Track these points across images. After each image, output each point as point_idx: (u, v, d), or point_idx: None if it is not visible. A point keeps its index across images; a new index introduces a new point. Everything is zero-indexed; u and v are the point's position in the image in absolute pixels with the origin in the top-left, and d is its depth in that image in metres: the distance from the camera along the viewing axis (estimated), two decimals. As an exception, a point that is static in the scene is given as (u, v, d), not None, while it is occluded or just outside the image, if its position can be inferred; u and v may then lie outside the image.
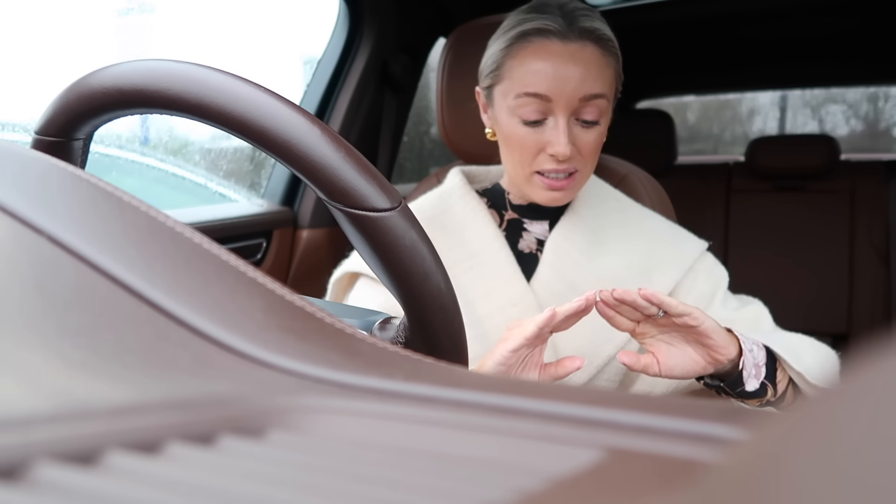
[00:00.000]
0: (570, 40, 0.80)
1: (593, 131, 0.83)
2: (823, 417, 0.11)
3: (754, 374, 0.74)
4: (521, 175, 0.87)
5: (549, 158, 0.83)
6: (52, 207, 0.30)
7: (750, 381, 0.74)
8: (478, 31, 1.08)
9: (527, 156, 0.84)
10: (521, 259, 0.91)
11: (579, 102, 0.81)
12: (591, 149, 0.84)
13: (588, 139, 0.83)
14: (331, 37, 1.55)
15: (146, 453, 0.18)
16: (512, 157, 0.87)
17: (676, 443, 0.19)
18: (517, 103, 0.82)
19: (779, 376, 0.76)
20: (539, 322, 0.67)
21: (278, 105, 0.42)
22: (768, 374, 0.75)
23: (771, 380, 0.75)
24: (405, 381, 0.24)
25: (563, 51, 0.80)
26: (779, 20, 2.00)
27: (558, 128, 0.81)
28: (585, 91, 0.80)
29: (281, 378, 0.24)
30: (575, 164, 0.84)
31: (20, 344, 0.22)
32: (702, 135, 4.38)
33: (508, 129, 0.85)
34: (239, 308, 0.28)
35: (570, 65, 0.80)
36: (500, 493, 0.17)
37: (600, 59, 0.81)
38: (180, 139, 1.70)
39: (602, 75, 0.82)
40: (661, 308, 0.69)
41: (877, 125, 4.13)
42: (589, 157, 0.85)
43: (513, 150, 0.85)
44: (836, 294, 2.19)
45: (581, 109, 0.82)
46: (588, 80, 0.80)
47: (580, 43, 0.80)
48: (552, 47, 0.80)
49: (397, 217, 0.43)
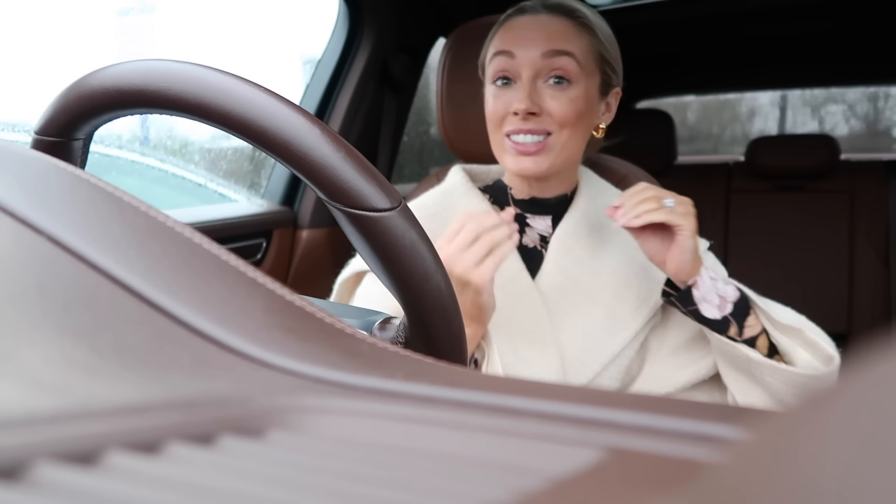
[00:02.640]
0: (539, 13, 0.88)
1: (563, 94, 0.85)
2: (824, 417, 0.11)
3: (716, 303, 0.80)
4: (496, 142, 0.90)
5: (514, 118, 0.85)
6: (52, 207, 0.30)
7: (706, 306, 0.80)
8: (478, 31, 1.08)
9: (496, 118, 0.88)
10: (526, 254, 0.92)
11: (542, 59, 0.84)
12: (563, 112, 0.85)
13: (560, 100, 0.85)
14: (330, 37, 1.55)
15: (146, 453, 0.18)
16: (490, 127, 0.90)
17: (676, 443, 0.19)
18: (489, 68, 0.88)
19: (749, 321, 0.81)
20: None
21: (278, 105, 0.42)
22: (735, 312, 0.80)
23: (737, 319, 0.80)
24: (405, 381, 0.24)
25: (532, 20, 0.88)
26: (779, 20, 2.00)
27: (521, 85, 0.85)
28: (549, 47, 0.85)
29: (281, 378, 0.24)
30: (544, 125, 0.85)
31: (20, 344, 0.22)
32: (702, 135, 4.38)
33: (487, 98, 0.90)
34: (239, 308, 0.28)
35: (536, 27, 0.87)
36: (500, 493, 0.17)
37: (569, 27, 0.86)
38: (180, 139, 1.70)
39: (568, 37, 0.86)
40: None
41: (877, 125, 4.13)
42: (565, 124, 0.85)
43: (489, 119, 0.89)
44: (836, 294, 2.19)
45: (546, 68, 0.85)
46: (552, 39, 0.85)
47: (549, 15, 0.87)
48: (524, 19, 0.88)
49: (397, 217, 0.43)
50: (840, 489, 0.09)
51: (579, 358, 0.87)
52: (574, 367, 0.87)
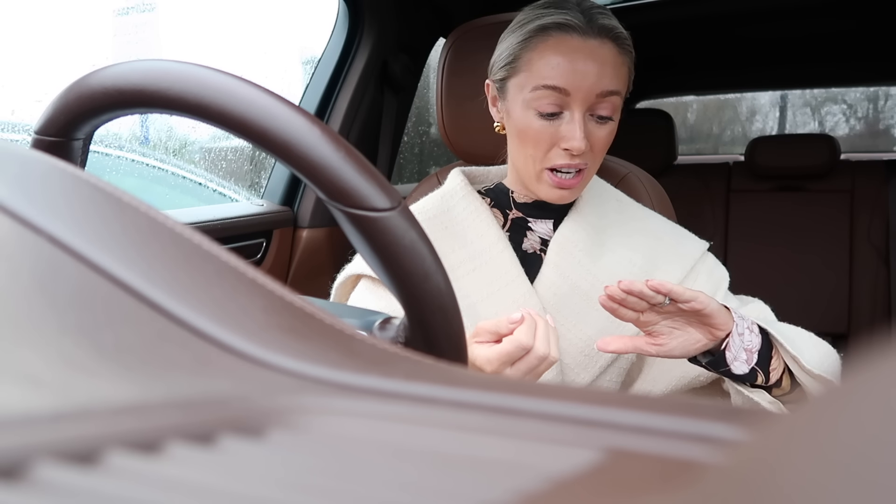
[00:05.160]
0: (589, 36, 0.82)
1: (606, 127, 0.85)
2: (824, 418, 0.11)
3: (744, 358, 0.75)
4: (532, 171, 0.87)
5: (563, 153, 0.83)
6: (52, 207, 0.30)
7: (737, 364, 0.75)
8: (478, 31, 1.08)
9: (540, 150, 0.84)
10: (525, 259, 0.91)
11: (596, 98, 0.82)
12: (601, 145, 0.85)
13: (600, 135, 0.84)
14: (330, 37, 1.55)
15: (146, 453, 0.18)
16: (524, 152, 0.87)
17: (676, 443, 0.19)
18: (534, 96, 0.82)
19: (773, 364, 0.77)
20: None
21: (278, 105, 0.42)
22: (760, 360, 0.76)
23: (763, 366, 0.76)
24: (405, 381, 0.24)
25: (583, 46, 0.81)
26: (778, 20, 2.00)
27: (574, 122, 0.82)
28: (603, 87, 0.81)
29: (281, 378, 0.24)
30: (586, 159, 0.85)
31: (20, 343, 0.22)
32: (702, 135, 4.38)
33: (523, 123, 0.85)
34: (239, 308, 0.28)
35: (589, 60, 0.81)
36: (499, 493, 0.17)
37: (617, 57, 0.83)
38: (180, 139, 1.70)
39: (618, 73, 0.83)
40: (669, 296, 0.70)
41: (877, 125, 4.13)
42: (598, 154, 0.86)
43: (526, 144, 0.86)
44: (836, 293, 2.19)
45: (596, 105, 0.83)
46: (605, 77, 0.81)
47: (599, 40, 0.82)
48: (572, 42, 0.81)
49: (397, 217, 0.43)
50: (841, 489, 0.09)
51: (578, 362, 0.86)
52: (573, 371, 0.87)
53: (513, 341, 0.68)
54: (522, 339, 0.68)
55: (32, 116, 0.49)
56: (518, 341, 0.68)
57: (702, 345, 0.74)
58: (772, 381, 0.77)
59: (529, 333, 0.68)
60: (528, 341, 0.68)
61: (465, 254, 0.90)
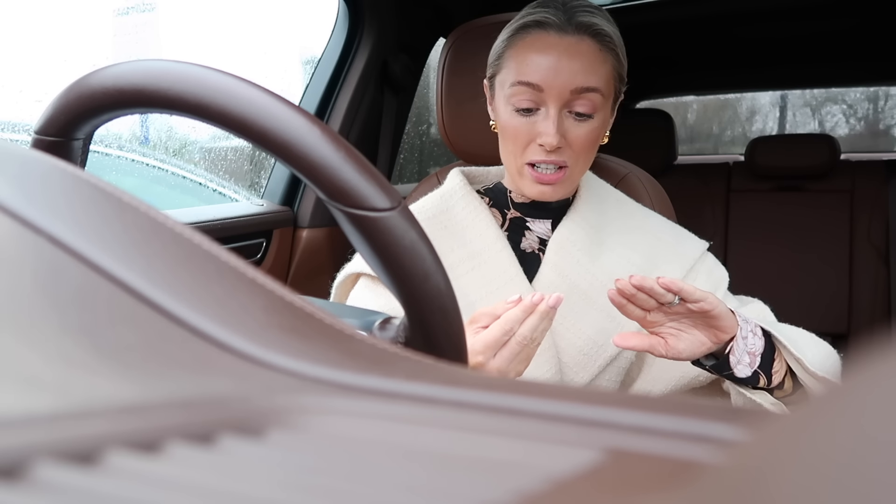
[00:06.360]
0: (566, 33, 0.82)
1: (585, 125, 0.84)
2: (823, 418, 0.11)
3: (747, 361, 0.75)
4: (513, 166, 0.88)
5: (539, 149, 0.84)
6: (52, 208, 0.30)
7: (740, 367, 0.75)
8: (477, 31, 1.08)
9: (518, 145, 0.86)
10: (524, 259, 0.91)
11: (571, 94, 0.82)
12: (582, 143, 0.84)
13: (579, 133, 0.84)
14: (330, 36, 1.55)
15: (146, 453, 0.18)
16: (506, 148, 0.88)
17: (676, 443, 0.19)
18: (511, 91, 0.84)
19: (775, 366, 0.77)
20: None
21: (278, 105, 0.42)
22: (763, 363, 0.76)
23: (765, 369, 0.76)
24: (405, 381, 0.24)
25: (559, 43, 0.82)
26: (779, 20, 2.00)
27: (549, 118, 0.82)
28: (577, 83, 0.82)
29: (281, 378, 0.24)
30: (564, 157, 0.84)
31: (21, 343, 0.22)
32: (702, 135, 4.38)
33: (504, 119, 0.86)
34: (239, 308, 0.28)
35: (564, 57, 0.81)
36: (500, 493, 0.17)
37: (596, 54, 0.83)
38: (180, 139, 1.70)
39: (596, 70, 0.83)
40: (679, 295, 0.70)
41: (877, 125, 4.13)
42: (581, 153, 0.85)
43: (506, 140, 0.87)
44: (836, 293, 2.19)
45: (573, 102, 0.83)
46: (581, 73, 0.82)
47: (577, 37, 0.82)
48: (548, 39, 0.82)
49: (397, 217, 0.43)
50: (840, 489, 0.09)
51: (577, 361, 0.86)
52: (571, 370, 0.86)
53: (499, 325, 0.66)
54: (510, 318, 0.66)
55: (32, 116, 0.49)
56: (502, 325, 0.66)
57: (706, 347, 0.74)
58: (774, 384, 0.77)
59: (517, 318, 0.66)
60: (513, 325, 0.66)
61: (464, 253, 0.90)
